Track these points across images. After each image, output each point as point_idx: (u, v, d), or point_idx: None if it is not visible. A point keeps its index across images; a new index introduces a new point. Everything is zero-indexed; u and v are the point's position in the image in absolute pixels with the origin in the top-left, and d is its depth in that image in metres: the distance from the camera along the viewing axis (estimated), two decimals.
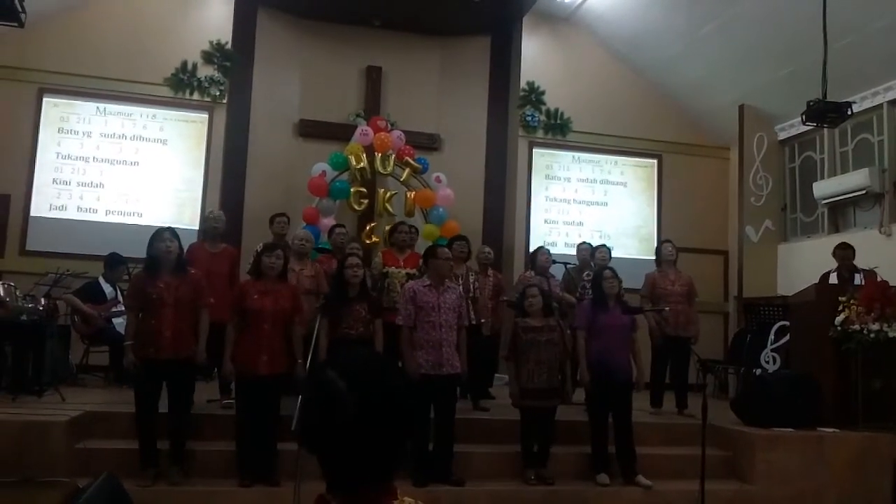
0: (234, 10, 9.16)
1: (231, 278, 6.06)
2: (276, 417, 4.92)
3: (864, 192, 8.15)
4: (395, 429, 1.22)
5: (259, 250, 6.00)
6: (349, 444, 1.18)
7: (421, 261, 6.40)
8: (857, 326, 6.02)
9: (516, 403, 5.49)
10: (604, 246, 7.35)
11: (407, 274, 6.44)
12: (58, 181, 8.45)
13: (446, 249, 5.70)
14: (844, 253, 6.99)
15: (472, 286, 6.62)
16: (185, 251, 5.25)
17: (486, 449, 5.62)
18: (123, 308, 7.03)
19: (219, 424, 5.34)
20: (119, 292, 7.20)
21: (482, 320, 6.60)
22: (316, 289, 6.01)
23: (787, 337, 7.21)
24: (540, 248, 7.39)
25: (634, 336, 5.73)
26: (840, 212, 8.87)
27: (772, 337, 7.50)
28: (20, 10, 5.55)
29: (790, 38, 7.87)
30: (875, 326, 5.95)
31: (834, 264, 7.12)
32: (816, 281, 6.86)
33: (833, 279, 7.01)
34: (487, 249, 7.16)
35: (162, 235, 4.97)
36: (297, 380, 5.00)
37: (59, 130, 8.53)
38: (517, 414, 5.55)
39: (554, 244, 9.38)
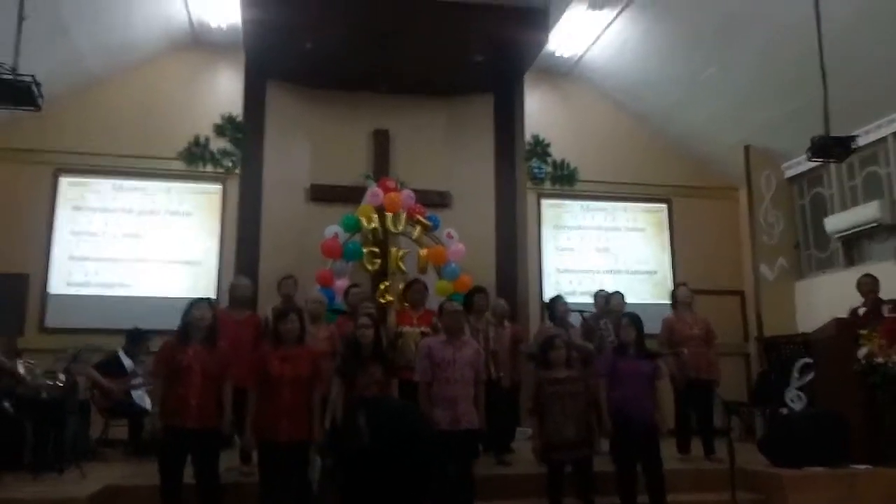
0: (245, 83, 9.43)
1: (256, 345, 6.06)
2: (299, 483, 4.86)
3: (876, 224, 8.12)
4: (409, 464, 1.23)
5: (272, 317, 6.03)
6: (364, 472, 1.20)
7: (436, 318, 6.42)
8: (880, 359, 5.93)
9: (541, 458, 5.41)
10: (617, 293, 7.31)
11: (421, 332, 6.40)
12: (75, 257, 8.60)
13: (454, 303, 5.66)
14: (870, 283, 6.88)
15: (491, 340, 6.58)
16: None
17: None
18: (142, 381, 7.09)
19: (241, 492, 5.29)
20: (139, 365, 7.23)
21: (500, 374, 6.54)
22: (332, 350, 6.00)
23: (812, 374, 7.09)
24: (557, 297, 7.35)
25: (657, 384, 5.61)
26: (854, 245, 8.82)
27: (795, 375, 7.38)
28: (38, 94, 5.73)
29: (790, 75, 7.96)
30: None
31: (859, 298, 7.00)
32: (836, 316, 6.73)
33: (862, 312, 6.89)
34: (501, 301, 7.16)
35: (199, 305, 5.05)
36: (316, 445, 4.97)
37: (75, 208, 8.73)
38: (539, 467, 5.46)
39: (573, 293, 9.40)
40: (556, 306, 6.98)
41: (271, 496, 4.86)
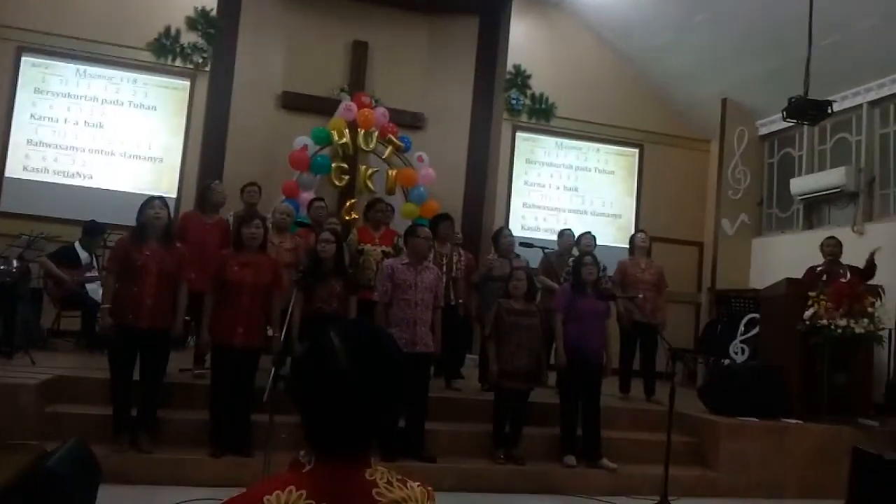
0: None
1: (223, 249, 6.00)
2: (250, 389, 4.93)
3: (839, 190, 8.27)
4: (384, 392, 1.24)
5: (233, 220, 5.97)
6: (337, 398, 1.20)
7: (398, 238, 6.43)
8: (824, 321, 6.13)
9: (493, 385, 5.55)
10: (588, 233, 7.36)
11: (382, 251, 6.45)
12: (33, 142, 8.32)
13: (426, 229, 5.70)
14: (833, 246, 6.96)
15: (454, 266, 6.62)
16: (178, 219, 5.20)
17: (455, 427, 5.68)
18: (97, 274, 7.01)
19: (191, 394, 5.34)
20: (94, 259, 7.14)
21: (459, 301, 6.61)
22: (295, 262, 5.99)
23: (757, 329, 7.32)
24: (501, 229, 7.40)
25: (607, 323, 5.81)
26: (815, 209, 9.00)
27: (741, 328, 7.61)
28: None
29: (777, 33, 7.93)
30: (842, 322, 6.05)
31: (813, 260, 7.14)
32: (790, 275, 6.92)
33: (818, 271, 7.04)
34: (456, 230, 7.18)
35: (152, 203, 4.98)
36: (273, 352, 5.01)
37: (36, 91, 8.39)
38: (487, 394, 5.61)
39: (537, 229, 9.45)
40: (500, 238, 7.03)
41: (222, 399, 4.92)
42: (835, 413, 6.12)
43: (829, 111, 6.88)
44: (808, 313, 6.23)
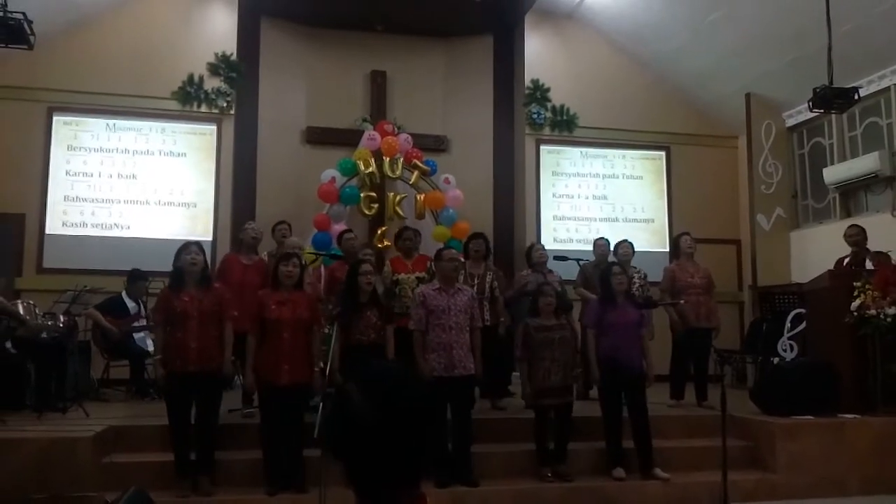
0: (238, 20, 9.22)
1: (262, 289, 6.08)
2: (299, 426, 4.96)
3: (874, 175, 8.12)
4: (415, 435, 1.25)
5: (273, 260, 6.04)
6: (371, 453, 1.22)
7: (430, 263, 6.42)
8: (873, 311, 6.00)
9: (530, 404, 5.52)
10: (626, 241, 7.27)
11: (417, 278, 6.44)
12: (70, 198, 8.53)
13: (452, 251, 5.70)
14: (855, 235, 6.90)
15: (486, 286, 6.53)
16: (219, 262, 5.29)
17: (504, 448, 5.63)
18: (144, 323, 7.13)
19: (242, 434, 5.39)
20: (142, 307, 7.27)
21: (501, 319, 6.53)
22: (316, 296, 5.98)
23: (804, 324, 7.18)
24: (533, 244, 7.37)
25: (643, 332, 5.69)
26: (851, 196, 8.83)
27: (788, 325, 7.45)
28: (29, 32, 5.61)
29: (795, 24, 7.84)
30: (891, 311, 5.92)
31: (847, 249, 7.06)
32: (831, 267, 6.81)
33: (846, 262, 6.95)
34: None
35: (188, 248, 5.06)
36: (316, 387, 5.07)
37: (69, 148, 8.61)
38: (531, 413, 5.57)
39: (570, 240, 9.41)
40: (532, 253, 7.00)
41: (273, 437, 4.96)
42: (891, 404, 5.96)
43: (856, 97, 6.78)
44: (854, 304, 6.11)
